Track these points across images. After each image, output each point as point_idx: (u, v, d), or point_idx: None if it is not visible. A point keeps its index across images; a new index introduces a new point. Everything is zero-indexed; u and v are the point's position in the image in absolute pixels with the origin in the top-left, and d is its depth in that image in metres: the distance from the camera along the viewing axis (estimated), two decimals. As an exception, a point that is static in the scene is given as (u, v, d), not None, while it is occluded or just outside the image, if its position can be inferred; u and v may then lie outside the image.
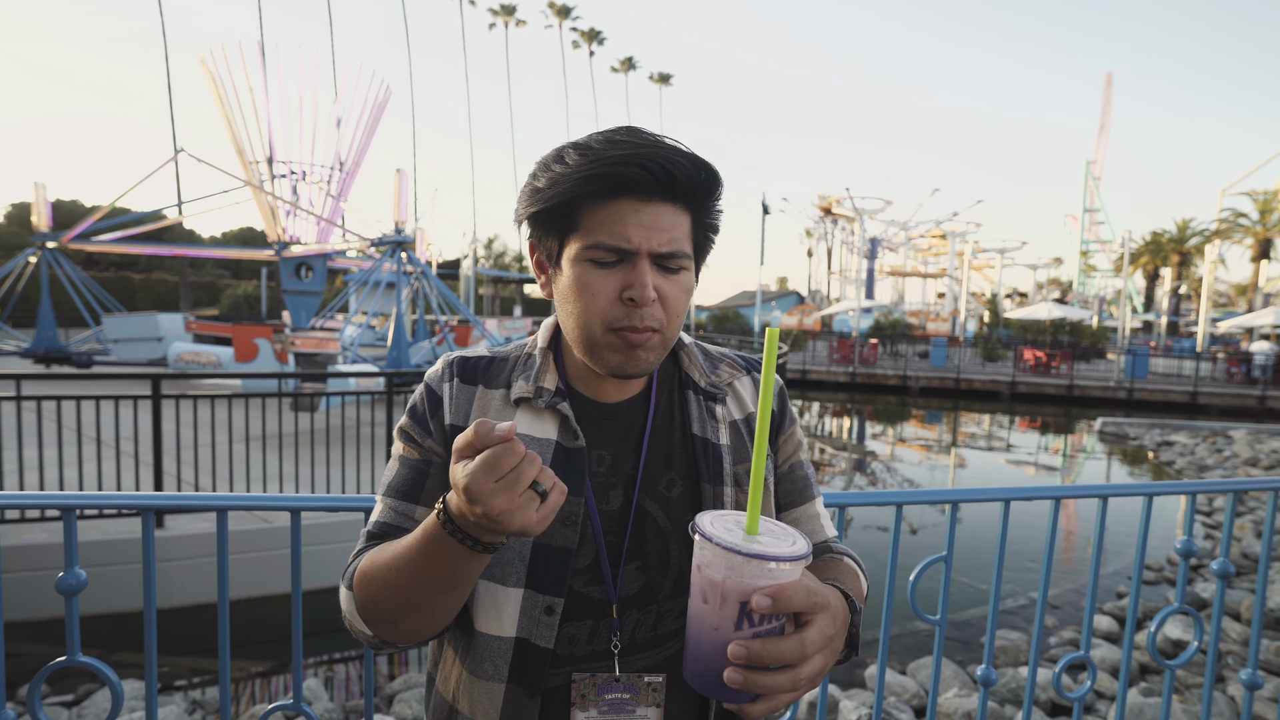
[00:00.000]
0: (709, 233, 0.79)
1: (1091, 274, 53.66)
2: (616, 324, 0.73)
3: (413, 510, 0.78)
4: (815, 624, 0.58)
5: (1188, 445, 11.75)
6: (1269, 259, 34.49)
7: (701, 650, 0.58)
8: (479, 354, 0.85)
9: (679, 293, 0.75)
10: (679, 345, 0.88)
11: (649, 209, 0.71)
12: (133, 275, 36.09)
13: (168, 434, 4.77)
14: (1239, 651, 4.04)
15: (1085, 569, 6.28)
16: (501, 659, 0.75)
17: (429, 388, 0.82)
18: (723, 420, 0.84)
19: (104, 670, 1.12)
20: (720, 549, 0.55)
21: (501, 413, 0.79)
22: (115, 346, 14.52)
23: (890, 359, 24.56)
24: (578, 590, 0.75)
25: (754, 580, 0.55)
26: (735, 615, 0.56)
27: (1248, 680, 1.64)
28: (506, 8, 50.62)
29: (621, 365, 0.75)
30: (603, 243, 0.71)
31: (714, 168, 0.74)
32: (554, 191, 0.71)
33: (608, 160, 0.69)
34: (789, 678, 0.56)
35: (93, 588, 4.10)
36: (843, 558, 0.85)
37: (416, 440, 0.80)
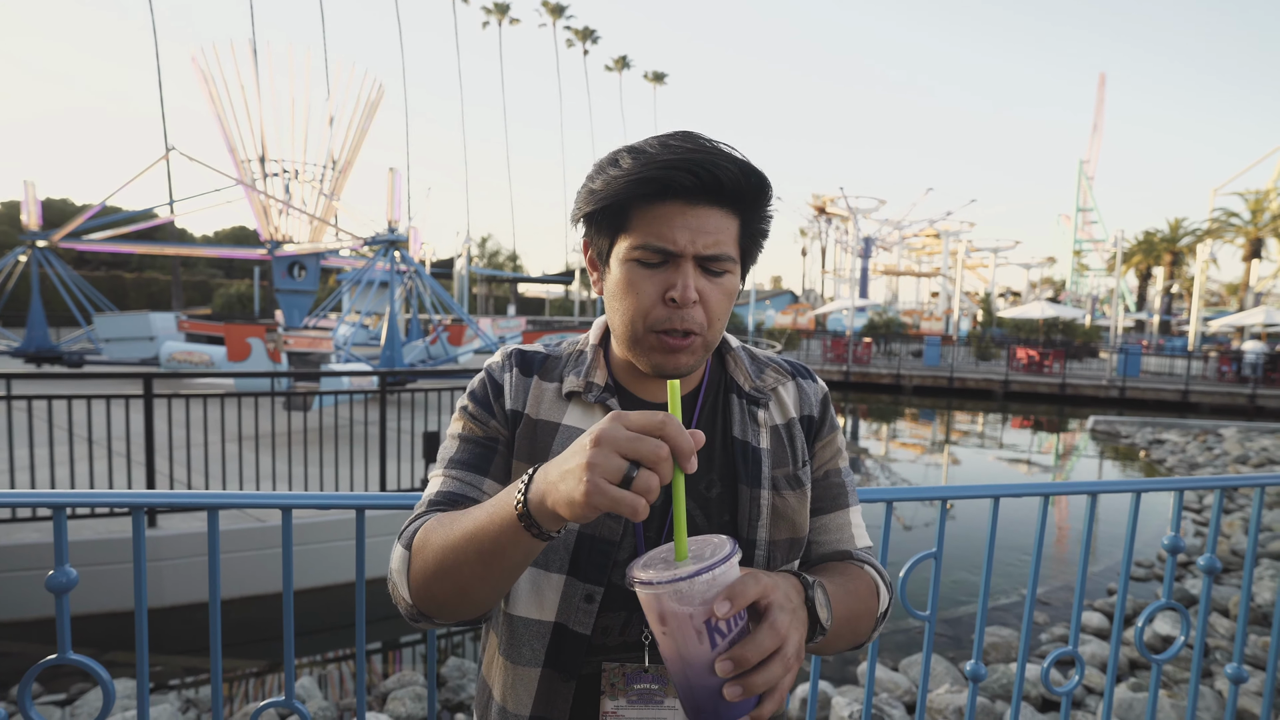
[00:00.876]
0: (758, 237, 0.81)
1: (1084, 273, 53.93)
2: (658, 325, 0.75)
3: (480, 481, 0.80)
4: (774, 604, 0.59)
5: (1179, 443, 11.83)
6: (1260, 258, 34.74)
7: (692, 684, 0.58)
8: (535, 349, 0.89)
9: (721, 296, 0.77)
10: (726, 349, 0.90)
11: (695, 212, 0.74)
12: (124, 274, 35.86)
13: (160, 433, 4.74)
14: (1226, 647, 4.08)
15: (1073, 566, 6.32)
16: (539, 642, 0.78)
17: (490, 375, 0.86)
18: (764, 424, 0.86)
19: (95, 668, 1.12)
20: (663, 585, 0.56)
21: (554, 405, 0.83)
22: (107, 346, 14.44)
23: (884, 358, 24.63)
24: (615, 582, 0.77)
25: (704, 597, 0.56)
26: (705, 636, 0.56)
27: (1233, 674, 1.65)
28: (500, 6, 50.51)
29: (661, 365, 0.78)
30: (649, 243, 0.74)
31: (763, 174, 0.76)
32: (606, 193, 0.74)
33: (657, 164, 0.72)
34: (779, 665, 0.57)
35: (85, 587, 4.10)
36: (862, 565, 0.86)
37: (480, 420, 0.83)
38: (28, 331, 14.65)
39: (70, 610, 1.14)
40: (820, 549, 0.88)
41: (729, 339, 0.91)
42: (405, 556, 0.73)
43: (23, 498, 1.21)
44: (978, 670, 1.49)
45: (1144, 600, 5.07)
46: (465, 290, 25.95)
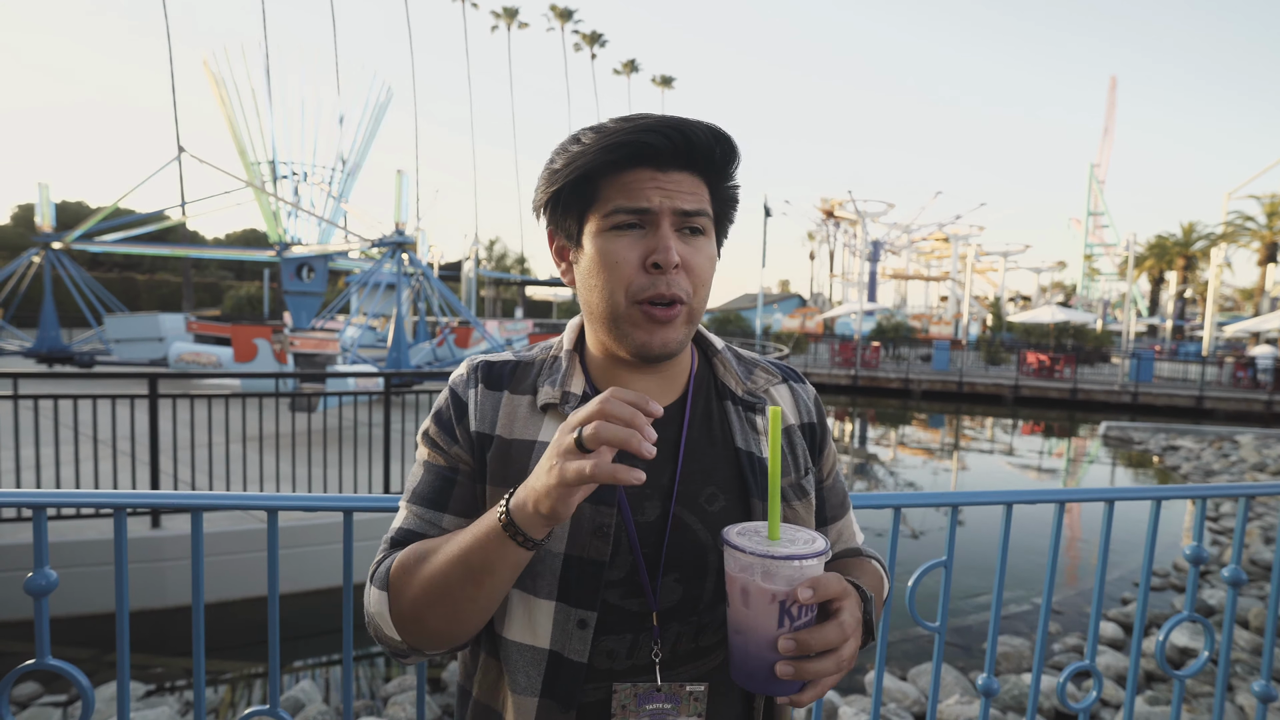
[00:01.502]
0: (729, 204, 0.78)
1: (1095, 277, 53.48)
2: (641, 294, 0.71)
3: (439, 518, 0.76)
4: (846, 608, 0.62)
5: (1193, 450, 11.66)
6: (1275, 262, 34.31)
7: (749, 652, 0.63)
8: (504, 358, 0.83)
9: (703, 260, 0.74)
10: (712, 351, 0.86)
11: (667, 177, 0.71)
12: (136, 276, 36.19)
13: (165, 433, 4.73)
14: (1247, 660, 3.98)
15: (1088, 574, 6.22)
16: (535, 670, 0.73)
17: (454, 393, 0.80)
18: (764, 432, 0.82)
19: (74, 674, 1.09)
20: (755, 557, 0.61)
21: (530, 419, 0.77)
22: (116, 347, 14.53)
23: (892, 362, 24.49)
24: (613, 603, 0.73)
25: (789, 580, 0.61)
26: (776, 614, 0.61)
27: (1261, 692, 1.58)
28: (509, 10, 50.72)
29: (648, 344, 0.73)
30: (622, 205, 0.71)
31: (731, 138, 0.73)
32: (573, 167, 0.71)
33: (625, 130, 0.70)
34: (834, 661, 0.61)
35: (88, 587, 4.09)
36: (869, 560, 0.89)
37: (442, 447, 0.78)
38: (40, 332, 14.77)
39: (50, 613, 1.10)
40: (835, 550, 0.90)
41: (713, 340, 0.87)
42: (384, 597, 0.71)
43: (2, 497, 1.18)
44: (990, 685, 1.43)
45: (1158, 611, 4.97)
46: (473, 293, 25.99)
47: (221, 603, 4.39)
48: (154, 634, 4.23)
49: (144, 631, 4.23)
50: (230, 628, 4.35)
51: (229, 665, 4.11)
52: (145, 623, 4.24)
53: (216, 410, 6.38)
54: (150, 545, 4.40)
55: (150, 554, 4.38)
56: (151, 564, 4.37)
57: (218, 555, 4.45)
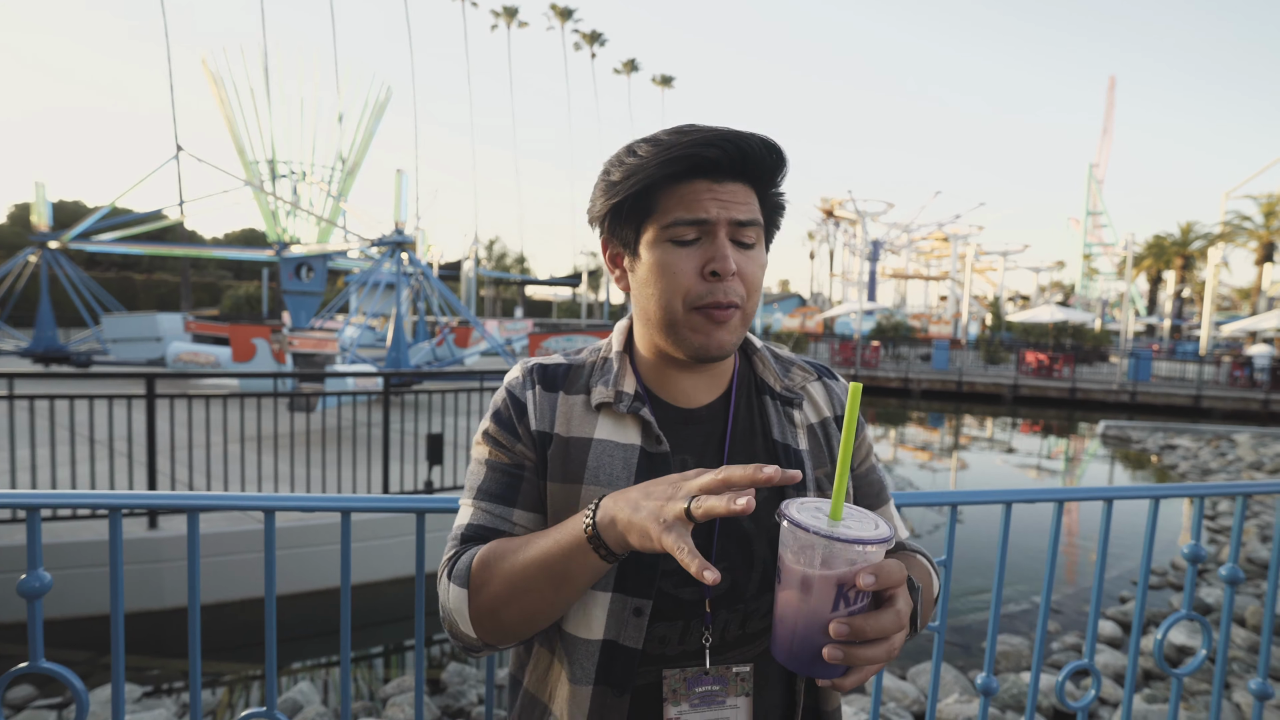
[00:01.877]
0: (777, 211, 0.82)
1: (1094, 277, 53.52)
2: (700, 301, 0.75)
3: (510, 513, 0.79)
4: (900, 597, 0.61)
5: (1191, 449, 11.68)
6: (1273, 262, 34.35)
7: (798, 631, 0.61)
8: (555, 360, 0.86)
9: (755, 268, 0.78)
10: (751, 349, 0.90)
11: (723, 188, 0.75)
12: (134, 276, 36.11)
13: (163, 434, 4.72)
14: (1244, 658, 3.98)
15: (1085, 573, 6.22)
16: (589, 661, 0.76)
17: (512, 394, 0.83)
18: (800, 425, 0.85)
19: (67, 676, 1.08)
20: (818, 536, 0.58)
21: (585, 418, 0.81)
22: (114, 346, 14.51)
23: (892, 361, 24.49)
24: (667, 592, 0.76)
25: (850, 564, 0.58)
26: (832, 596, 0.59)
27: (1258, 690, 1.58)
28: (509, 9, 50.67)
29: (704, 346, 0.76)
30: (681, 218, 0.74)
31: (782, 149, 0.77)
32: (632, 180, 0.74)
33: (683, 144, 0.72)
34: (884, 649, 0.60)
35: (85, 588, 4.08)
36: (916, 555, 0.89)
37: (505, 445, 0.81)
38: (36, 332, 14.73)
39: (47, 615, 1.09)
40: None
41: (753, 339, 0.90)
42: (464, 595, 0.73)
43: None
44: (989, 684, 1.43)
45: (1156, 609, 4.97)
46: (473, 292, 25.97)
47: (219, 604, 4.38)
48: (152, 635, 4.22)
49: (142, 633, 4.22)
50: (228, 629, 4.34)
51: (227, 667, 4.10)
52: (143, 624, 4.23)
53: (215, 410, 6.37)
54: (148, 546, 4.39)
55: (148, 555, 4.37)
56: (149, 565, 4.36)
57: (215, 556, 4.44)
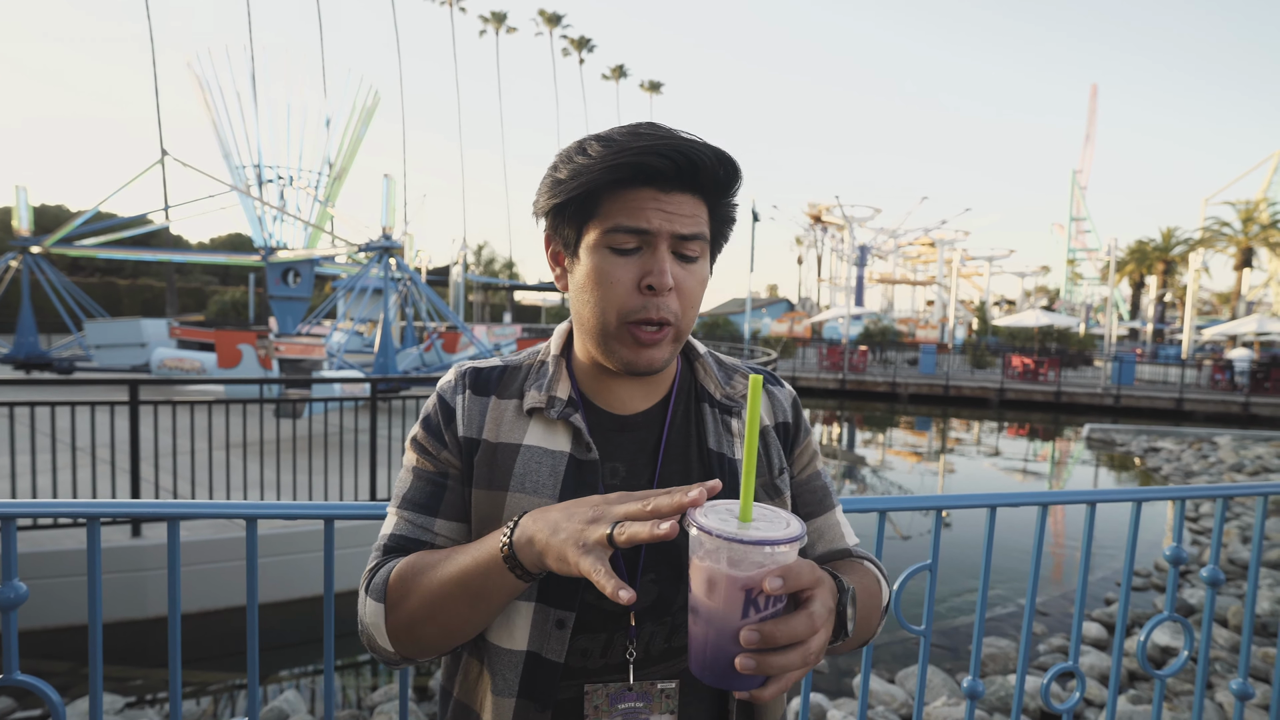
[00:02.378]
0: (726, 224, 0.80)
1: (1078, 282, 54.14)
2: (632, 315, 0.73)
3: (431, 523, 0.78)
4: (817, 598, 0.59)
5: (1174, 451, 11.82)
6: (1251, 267, 34.92)
7: (709, 641, 0.58)
8: (492, 363, 0.84)
9: (695, 284, 0.76)
10: (694, 355, 0.87)
11: (669, 199, 0.72)
12: (118, 281, 35.70)
13: (146, 441, 4.66)
14: (1225, 658, 4.02)
15: (1071, 575, 6.27)
16: (512, 672, 0.74)
17: (442, 399, 0.81)
18: (738, 434, 0.83)
19: (43, 689, 1.06)
20: (721, 540, 0.55)
21: (515, 423, 0.79)
22: (97, 353, 14.32)
23: (880, 366, 24.64)
24: (590, 603, 0.74)
25: (758, 567, 0.56)
26: (741, 603, 0.56)
27: (1239, 690, 1.60)
28: (497, 15, 50.70)
29: (633, 362, 0.75)
30: (622, 224, 0.72)
31: (735, 161, 0.74)
32: (577, 182, 0.72)
33: (632, 150, 0.70)
34: (799, 654, 0.57)
35: (67, 597, 4.01)
36: (862, 561, 0.86)
37: (431, 452, 0.79)
38: (17, 338, 14.52)
39: (30, 624, 1.08)
40: (817, 551, 0.87)
41: (696, 345, 0.88)
42: (380, 609, 0.72)
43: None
44: (975, 687, 1.43)
45: (1140, 610, 5.02)
46: (461, 297, 25.85)
47: (204, 612, 4.33)
48: (135, 645, 4.16)
49: (124, 642, 4.16)
50: (213, 637, 4.29)
51: (212, 676, 4.05)
52: (126, 633, 4.17)
53: (199, 417, 6.30)
54: (130, 554, 4.33)
55: (130, 563, 4.31)
56: (132, 573, 4.30)
57: (199, 564, 4.39)
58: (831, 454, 12.80)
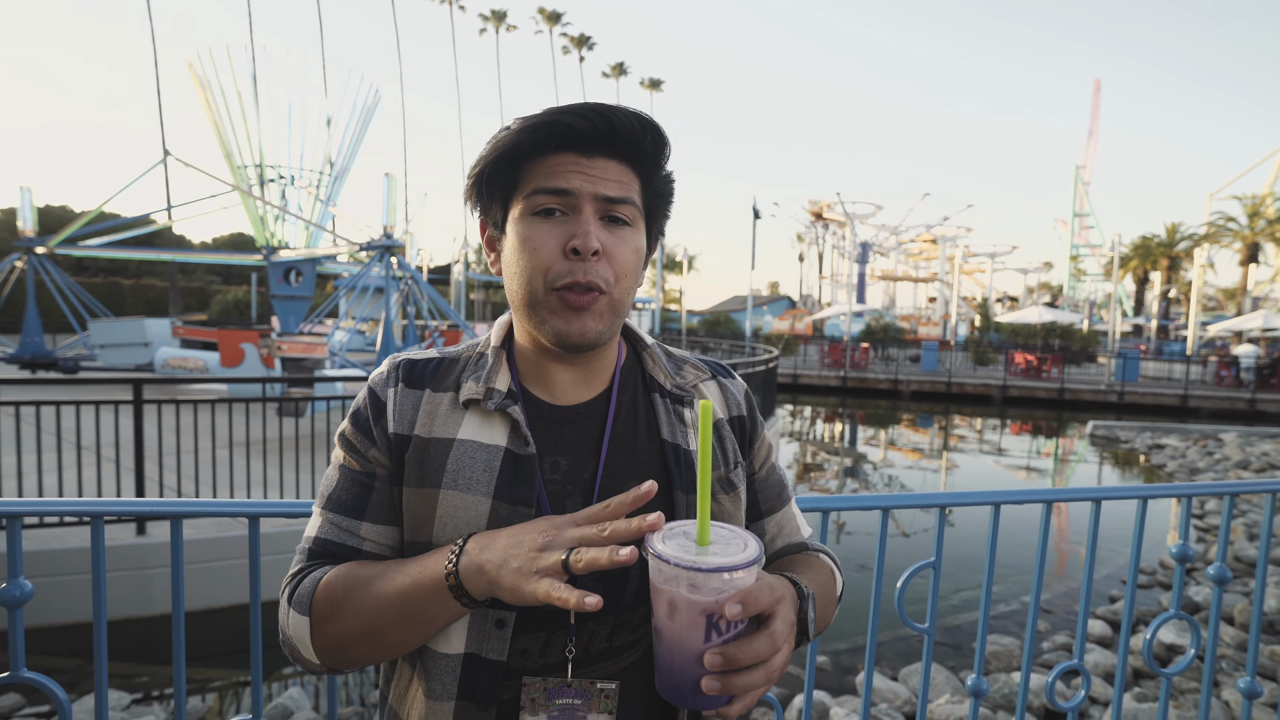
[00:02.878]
0: (662, 197, 0.77)
1: (1081, 278, 54.01)
2: (559, 280, 0.70)
3: (357, 526, 0.74)
4: (778, 615, 0.59)
5: (1179, 448, 11.78)
6: (1257, 263, 34.78)
7: (674, 665, 0.58)
8: (428, 355, 0.80)
9: (627, 252, 0.72)
10: (641, 345, 0.84)
11: (593, 164, 0.70)
12: (122, 281, 35.81)
13: (150, 439, 4.68)
14: (1232, 656, 4.01)
15: (1075, 572, 6.26)
16: (450, 677, 0.71)
17: (372, 392, 0.77)
18: (691, 424, 0.80)
19: (49, 686, 1.06)
20: (682, 569, 0.55)
21: (450, 417, 0.75)
22: (101, 352, 14.36)
23: (881, 363, 24.61)
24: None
25: (717, 592, 0.56)
26: (703, 627, 0.56)
27: (1246, 688, 1.59)
28: (497, 13, 50.67)
29: (565, 333, 0.71)
30: (542, 186, 0.70)
31: (660, 127, 0.71)
32: (496, 150, 0.70)
33: (548, 113, 0.69)
34: (763, 673, 0.57)
35: (74, 595, 4.03)
36: (817, 554, 0.86)
37: (359, 450, 0.75)
38: (23, 338, 14.58)
39: (38, 622, 1.08)
40: (776, 545, 0.87)
41: (643, 336, 0.85)
42: (304, 623, 0.69)
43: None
44: (979, 685, 1.43)
45: (1145, 608, 5.00)
46: (462, 296, 25.89)
47: (209, 610, 4.34)
48: (141, 642, 4.18)
49: (130, 640, 4.17)
50: (218, 635, 4.30)
51: (217, 673, 4.07)
52: (132, 631, 4.19)
53: (203, 415, 6.31)
54: (136, 552, 4.34)
55: (136, 561, 4.33)
56: (137, 571, 4.32)
57: (205, 562, 4.40)
58: (833, 451, 12.79)
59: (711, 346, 21.69)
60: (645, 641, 0.75)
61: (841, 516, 7.10)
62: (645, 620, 0.74)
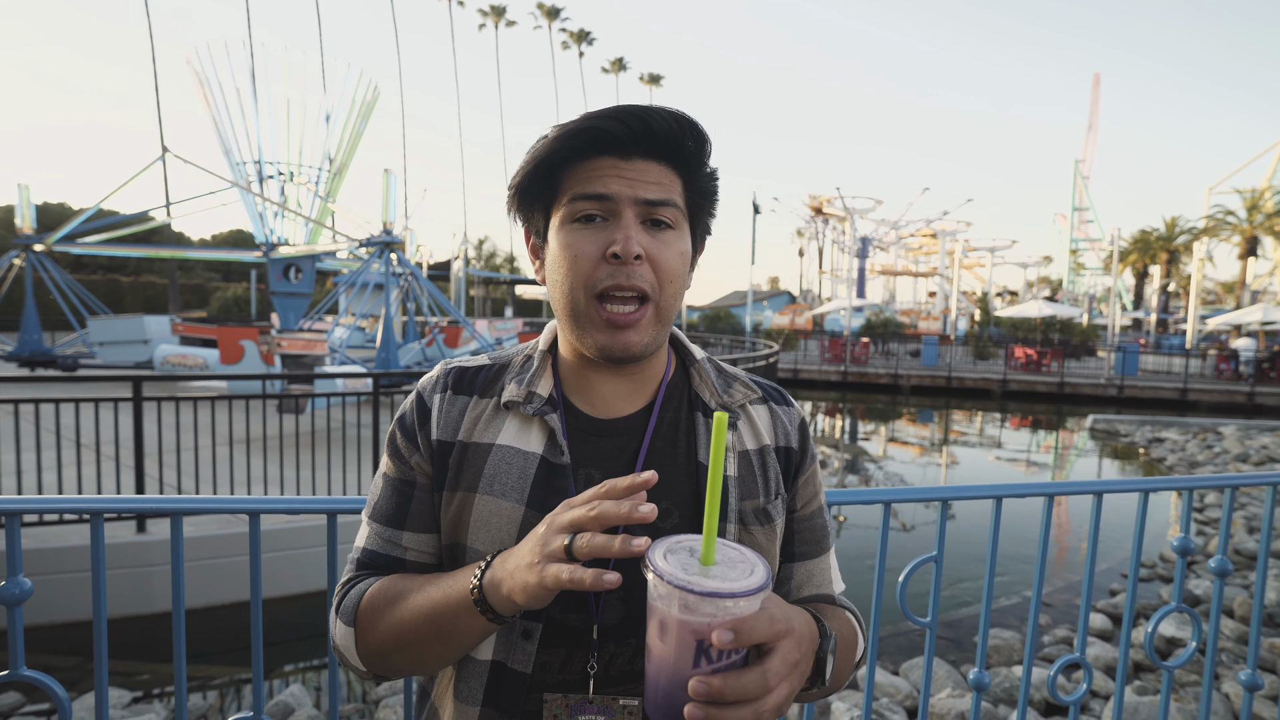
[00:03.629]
0: (706, 197, 0.75)
1: (1081, 272, 53.99)
2: (599, 285, 0.69)
3: (399, 536, 0.75)
4: (778, 652, 0.54)
5: (1178, 442, 11.79)
6: (1256, 256, 34.75)
7: (660, 685, 0.55)
8: (479, 362, 0.80)
9: (671, 256, 0.71)
10: (690, 360, 0.82)
11: (631, 166, 0.69)
12: (121, 278, 35.76)
13: (150, 437, 4.67)
14: (1232, 649, 4.02)
15: (1075, 566, 6.27)
16: (477, 682, 0.73)
17: (420, 397, 0.77)
18: (732, 449, 0.77)
19: (49, 684, 1.06)
20: (672, 587, 0.52)
21: (491, 422, 0.75)
22: (101, 350, 14.35)
23: (882, 358, 24.60)
24: (553, 616, 0.71)
25: (710, 617, 0.51)
26: (693, 651, 0.52)
27: (1247, 681, 1.59)
28: (496, 9, 50.49)
29: (608, 346, 0.70)
30: (581, 192, 0.69)
31: (699, 125, 0.70)
32: (533, 161, 0.70)
33: (583, 118, 0.69)
34: (751, 711, 0.52)
35: (74, 593, 4.03)
36: (843, 610, 0.81)
37: (403, 455, 0.76)
38: (21, 335, 14.57)
39: (38, 620, 1.08)
40: (803, 593, 0.82)
41: (694, 350, 0.82)
42: (350, 633, 0.71)
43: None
44: (981, 679, 1.43)
45: (1145, 601, 5.01)
46: (462, 292, 25.85)
47: (210, 607, 4.35)
48: (142, 640, 4.18)
49: (131, 637, 4.18)
50: (219, 632, 4.30)
51: (218, 670, 4.07)
52: (132, 629, 4.19)
53: (203, 413, 6.31)
54: (136, 550, 4.34)
55: (136, 559, 4.33)
56: (138, 569, 4.32)
57: (205, 559, 4.40)
58: (834, 446, 12.80)
59: (712, 342, 21.67)
60: None
61: (843, 511, 7.10)
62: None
